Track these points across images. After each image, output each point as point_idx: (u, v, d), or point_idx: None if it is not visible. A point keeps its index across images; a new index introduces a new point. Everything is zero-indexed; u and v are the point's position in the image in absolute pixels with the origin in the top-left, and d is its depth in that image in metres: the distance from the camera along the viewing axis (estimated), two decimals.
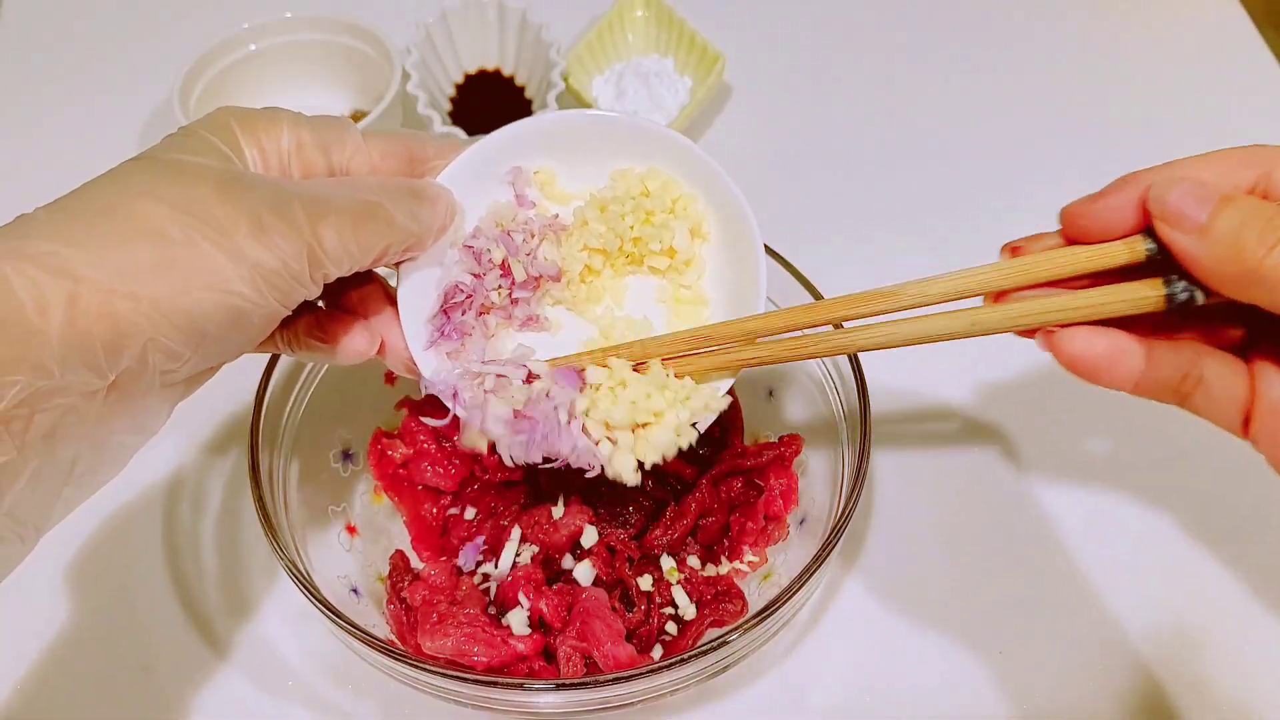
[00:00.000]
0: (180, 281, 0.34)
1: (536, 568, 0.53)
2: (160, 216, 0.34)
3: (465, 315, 0.46)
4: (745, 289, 0.47)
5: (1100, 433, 0.64)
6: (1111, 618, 0.56)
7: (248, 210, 0.35)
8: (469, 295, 0.46)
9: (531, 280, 0.47)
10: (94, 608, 0.58)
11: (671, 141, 0.47)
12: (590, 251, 0.47)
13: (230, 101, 0.78)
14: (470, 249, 0.46)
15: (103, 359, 0.33)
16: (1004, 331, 0.39)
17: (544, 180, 0.48)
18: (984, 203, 0.77)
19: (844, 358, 0.53)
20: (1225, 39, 0.89)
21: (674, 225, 0.47)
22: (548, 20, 0.78)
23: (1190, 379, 0.37)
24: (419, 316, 0.45)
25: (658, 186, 0.47)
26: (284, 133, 0.40)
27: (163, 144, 0.38)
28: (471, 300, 0.46)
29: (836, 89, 0.86)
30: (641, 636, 0.51)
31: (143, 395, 0.36)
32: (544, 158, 0.48)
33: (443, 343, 0.45)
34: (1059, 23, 0.91)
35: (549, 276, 0.47)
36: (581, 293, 0.48)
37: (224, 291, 0.35)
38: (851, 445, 0.53)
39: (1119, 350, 0.36)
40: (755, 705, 0.54)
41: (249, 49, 0.79)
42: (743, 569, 0.55)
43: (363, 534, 0.57)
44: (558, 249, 0.47)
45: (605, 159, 0.48)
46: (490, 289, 0.46)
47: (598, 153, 0.48)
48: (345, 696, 0.54)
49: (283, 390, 0.55)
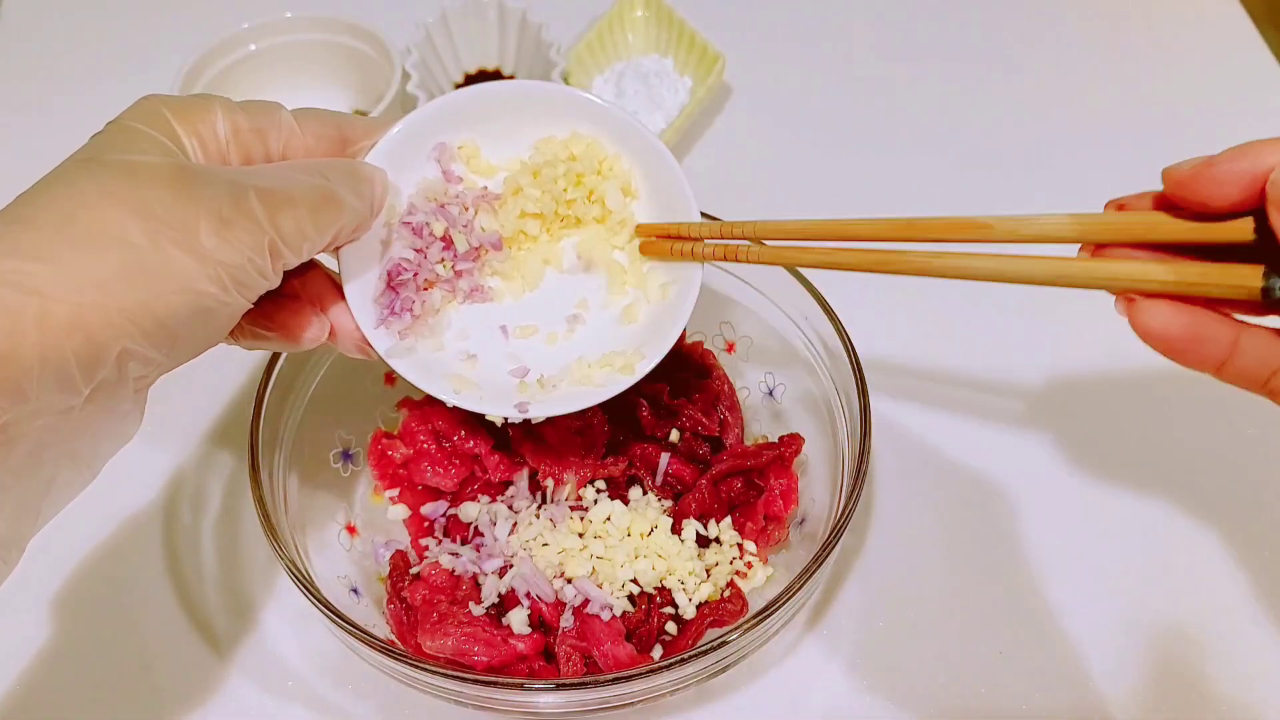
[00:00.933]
0: (149, 287, 0.34)
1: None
2: (121, 221, 0.34)
3: (412, 291, 0.46)
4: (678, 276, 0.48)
5: (1100, 433, 0.64)
6: (1111, 618, 0.56)
7: (206, 208, 0.35)
8: (414, 272, 0.46)
9: (473, 251, 0.47)
10: (94, 607, 0.57)
11: (588, 105, 0.48)
12: (526, 217, 0.48)
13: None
14: (409, 225, 0.46)
15: (78, 375, 0.33)
16: (1087, 288, 0.36)
17: (469, 154, 0.48)
18: (984, 201, 0.77)
19: (844, 358, 0.53)
20: (1225, 39, 0.89)
21: (605, 185, 0.48)
22: (547, 20, 0.78)
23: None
24: (365, 297, 0.45)
25: (582, 150, 0.48)
26: (219, 119, 0.40)
27: (100, 142, 0.37)
28: (417, 276, 0.46)
29: (836, 89, 0.86)
30: (641, 636, 0.51)
31: (118, 403, 0.36)
32: (467, 131, 0.48)
33: (393, 320, 0.46)
34: (1059, 23, 0.91)
35: (490, 245, 0.48)
36: (521, 259, 0.49)
37: (192, 292, 0.35)
38: (851, 445, 0.53)
39: (1199, 333, 0.34)
40: (755, 705, 0.54)
41: (249, 49, 0.79)
42: (742, 569, 0.55)
43: (363, 534, 0.57)
44: (494, 218, 0.48)
45: (525, 129, 0.48)
46: (434, 263, 0.47)
47: (518, 123, 0.48)
48: (345, 696, 0.54)
49: (283, 390, 0.55)
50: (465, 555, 0.54)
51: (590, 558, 0.52)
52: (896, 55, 0.89)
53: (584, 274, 0.49)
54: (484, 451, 0.57)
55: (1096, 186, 0.77)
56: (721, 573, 0.54)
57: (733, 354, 0.62)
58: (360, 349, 0.45)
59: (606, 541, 0.53)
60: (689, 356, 0.61)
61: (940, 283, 0.72)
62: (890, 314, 0.70)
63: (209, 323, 0.36)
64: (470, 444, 0.57)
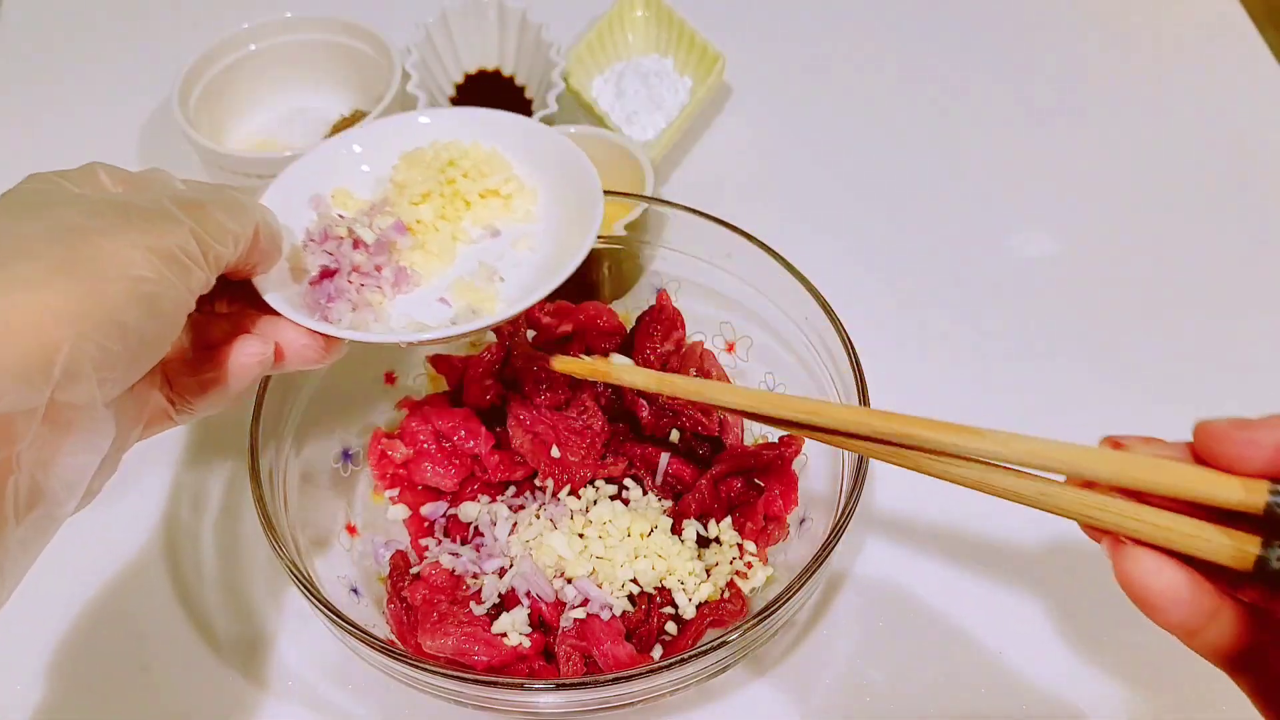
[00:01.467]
0: (88, 277, 0.33)
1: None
2: (44, 233, 0.34)
3: (343, 281, 0.47)
4: (583, 204, 0.50)
5: (1100, 431, 0.64)
6: (1111, 618, 0.56)
7: (123, 214, 0.36)
8: (337, 269, 0.47)
9: (383, 244, 0.49)
10: (94, 607, 0.57)
11: (440, 116, 0.53)
12: (418, 205, 0.50)
13: (231, 101, 0.79)
14: (315, 241, 0.48)
15: (36, 374, 0.32)
16: (1073, 519, 0.35)
17: (342, 198, 0.51)
18: (984, 202, 0.77)
19: (844, 356, 0.54)
20: (1225, 39, 0.89)
21: (478, 164, 0.51)
22: (548, 20, 0.78)
23: (1247, 657, 0.33)
24: (303, 309, 0.46)
25: (459, 153, 0.52)
26: (102, 178, 0.40)
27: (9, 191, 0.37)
28: (339, 273, 0.47)
29: (836, 89, 0.86)
30: (641, 636, 0.51)
31: (87, 409, 0.34)
32: (335, 180, 0.51)
33: (331, 308, 0.46)
34: (1059, 23, 0.91)
35: (395, 230, 0.49)
36: (431, 240, 0.50)
37: (130, 279, 0.34)
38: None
39: (1181, 594, 0.32)
40: (755, 705, 0.54)
41: (249, 49, 0.79)
42: (742, 569, 0.55)
43: (363, 534, 0.57)
44: (390, 214, 0.50)
45: (387, 165, 0.52)
46: (350, 261, 0.48)
47: (380, 160, 0.52)
48: (345, 696, 0.54)
49: (283, 390, 0.55)
50: (465, 555, 0.54)
51: (590, 558, 0.52)
52: (897, 55, 0.89)
53: (491, 239, 0.51)
54: (484, 451, 0.57)
55: (1097, 186, 0.78)
56: (721, 573, 0.54)
57: (733, 354, 0.62)
58: (316, 352, 0.45)
59: (607, 541, 0.53)
60: (689, 356, 0.61)
61: (940, 284, 0.72)
62: (891, 314, 0.70)
63: (155, 312, 0.36)
64: (470, 444, 0.57)
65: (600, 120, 0.77)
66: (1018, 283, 0.72)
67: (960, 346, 0.69)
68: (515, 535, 0.54)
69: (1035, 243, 0.74)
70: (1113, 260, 0.73)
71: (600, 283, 0.65)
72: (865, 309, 0.59)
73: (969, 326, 0.70)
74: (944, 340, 0.69)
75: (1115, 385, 0.66)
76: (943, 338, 0.69)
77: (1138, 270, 0.72)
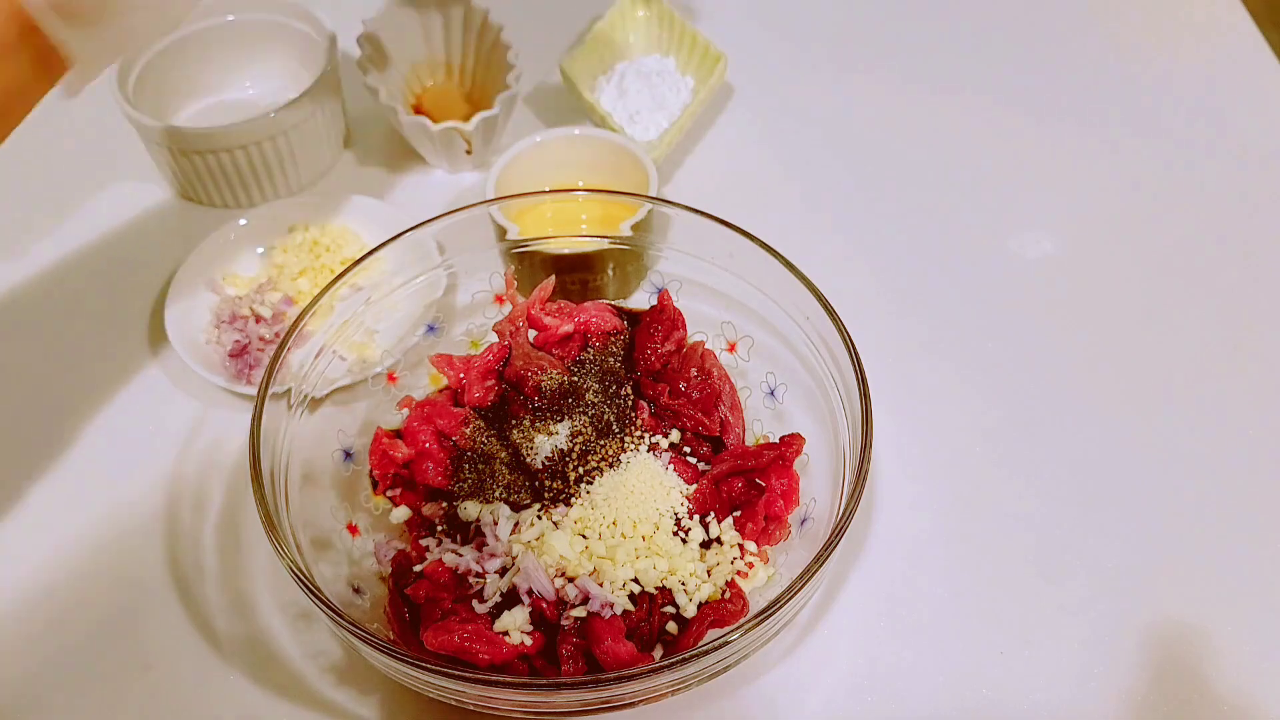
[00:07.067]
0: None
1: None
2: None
3: (254, 352, 0.65)
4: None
5: (1100, 433, 0.64)
6: (1112, 618, 0.56)
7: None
8: (247, 342, 0.66)
9: (277, 316, 0.68)
10: (94, 606, 0.57)
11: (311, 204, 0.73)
12: (296, 279, 0.70)
13: (170, 83, 0.78)
14: (224, 323, 0.67)
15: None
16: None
17: (232, 279, 0.70)
18: (986, 200, 0.77)
19: (845, 356, 0.54)
20: (1225, 39, 0.89)
21: (335, 240, 0.71)
22: (548, 20, 0.78)
23: None
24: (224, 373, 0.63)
25: (319, 232, 0.72)
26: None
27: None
28: (250, 346, 0.65)
29: (837, 88, 0.86)
30: (642, 635, 0.51)
31: None
32: (224, 265, 0.70)
33: (251, 373, 0.64)
34: (1060, 23, 0.91)
35: (284, 304, 0.68)
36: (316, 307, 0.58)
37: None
38: (853, 445, 0.53)
39: None
40: (756, 705, 0.54)
41: (188, 29, 0.79)
42: (743, 569, 0.55)
43: (363, 534, 0.57)
44: (275, 290, 0.68)
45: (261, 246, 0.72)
46: (257, 333, 0.66)
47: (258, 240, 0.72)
48: (345, 696, 0.54)
49: (283, 390, 0.55)
50: (467, 555, 0.54)
51: (592, 557, 0.52)
52: (897, 54, 0.89)
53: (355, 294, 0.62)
54: None
55: (1097, 186, 0.78)
56: (722, 573, 0.54)
57: (734, 354, 0.62)
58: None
59: (608, 541, 0.53)
60: (690, 356, 0.61)
61: (941, 285, 0.72)
62: (892, 314, 0.70)
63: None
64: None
65: (602, 121, 0.77)
66: (1019, 283, 0.72)
67: (961, 347, 0.69)
68: (516, 535, 0.54)
69: (1036, 243, 0.74)
70: (1114, 261, 0.73)
71: (604, 283, 0.66)
72: (866, 309, 0.59)
73: (970, 327, 0.70)
74: (945, 340, 0.69)
75: (1116, 385, 0.66)
76: (944, 338, 0.69)
77: (1139, 270, 0.72)
